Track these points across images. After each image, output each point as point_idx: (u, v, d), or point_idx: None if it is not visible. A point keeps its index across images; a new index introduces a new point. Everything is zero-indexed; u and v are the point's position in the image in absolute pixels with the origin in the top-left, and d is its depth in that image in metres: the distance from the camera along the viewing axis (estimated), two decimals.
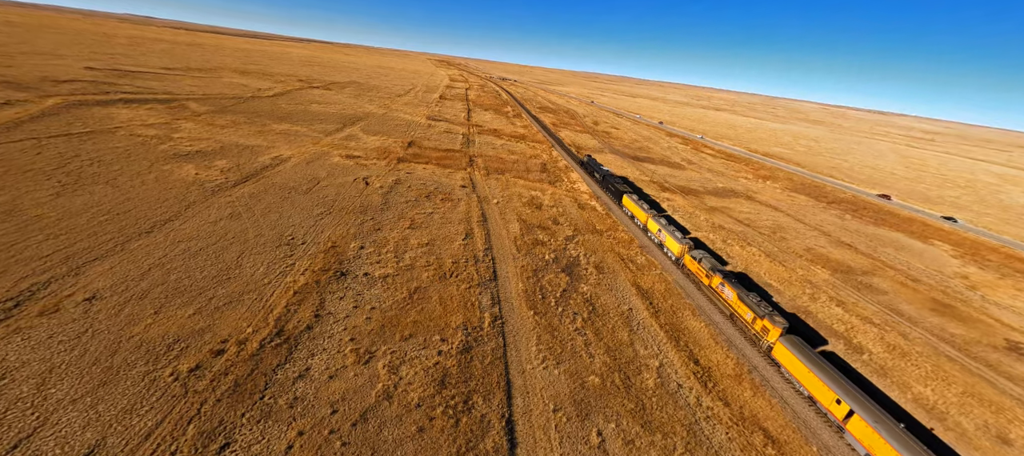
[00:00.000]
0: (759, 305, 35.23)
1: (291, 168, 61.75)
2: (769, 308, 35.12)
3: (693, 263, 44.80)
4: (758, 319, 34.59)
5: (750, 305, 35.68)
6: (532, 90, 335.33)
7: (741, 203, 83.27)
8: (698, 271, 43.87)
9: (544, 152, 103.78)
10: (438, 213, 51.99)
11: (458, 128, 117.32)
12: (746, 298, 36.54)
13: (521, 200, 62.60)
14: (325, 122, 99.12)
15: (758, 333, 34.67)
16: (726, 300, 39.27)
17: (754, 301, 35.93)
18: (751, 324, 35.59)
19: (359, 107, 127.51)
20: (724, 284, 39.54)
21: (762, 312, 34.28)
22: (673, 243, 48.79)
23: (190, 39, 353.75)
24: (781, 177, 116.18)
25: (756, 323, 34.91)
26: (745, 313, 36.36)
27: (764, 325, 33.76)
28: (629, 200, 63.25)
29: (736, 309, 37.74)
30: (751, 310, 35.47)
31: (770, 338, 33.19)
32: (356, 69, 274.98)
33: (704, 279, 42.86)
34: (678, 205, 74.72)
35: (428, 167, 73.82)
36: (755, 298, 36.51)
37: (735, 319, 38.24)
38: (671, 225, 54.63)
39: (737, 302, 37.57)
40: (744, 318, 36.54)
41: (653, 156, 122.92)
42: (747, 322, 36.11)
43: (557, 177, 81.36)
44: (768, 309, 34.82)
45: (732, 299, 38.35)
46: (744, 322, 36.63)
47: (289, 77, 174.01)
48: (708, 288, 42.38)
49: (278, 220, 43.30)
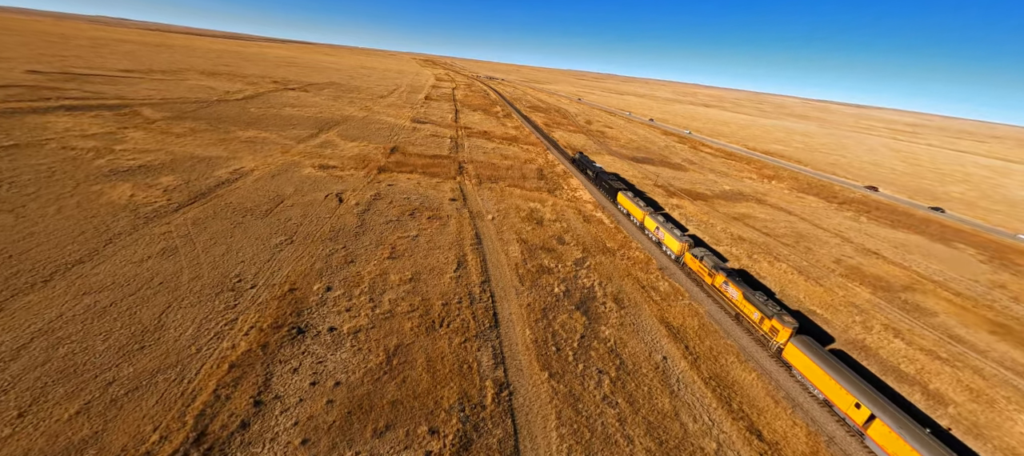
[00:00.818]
0: (766, 304, 33.58)
1: (252, 184, 53.18)
2: (777, 307, 33.42)
3: (694, 261, 42.92)
4: (766, 319, 32.78)
5: (757, 304, 33.81)
6: (521, 89, 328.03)
7: (753, 208, 77.45)
8: (700, 270, 41.96)
9: (539, 155, 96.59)
10: (424, 236, 44.26)
11: (445, 131, 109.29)
12: (752, 297, 34.54)
13: (519, 214, 55.24)
14: (298, 127, 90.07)
15: (766, 334, 32.83)
16: (730, 299, 37.42)
17: (760, 300, 34.10)
18: (759, 324, 33.71)
19: (338, 110, 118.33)
20: (728, 282, 37.58)
21: (770, 311, 32.57)
22: (672, 241, 46.87)
23: (160, 40, 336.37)
24: (786, 177, 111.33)
25: (764, 323, 33.06)
26: (751, 313, 34.44)
27: (773, 325, 32.02)
28: (624, 197, 60.88)
29: (742, 309, 35.75)
30: (758, 309, 33.58)
31: (780, 339, 31.42)
32: (337, 70, 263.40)
33: (706, 278, 40.95)
34: (689, 212, 68.36)
35: (413, 177, 65.84)
36: (761, 297, 34.71)
37: (741, 319, 36.17)
38: (669, 222, 52.41)
39: (743, 302, 35.53)
40: (751, 318, 34.60)
41: (652, 157, 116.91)
42: (754, 322, 34.21)
43: (556, 184, 74.22)
44: (776, 308, 33.10)
45: (737, 298, 36.33)
46: (751, 322, 34.68)
47: (262, 79, 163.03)
48: (711, 287, 40.34)
49: (225, 255, 35.03)
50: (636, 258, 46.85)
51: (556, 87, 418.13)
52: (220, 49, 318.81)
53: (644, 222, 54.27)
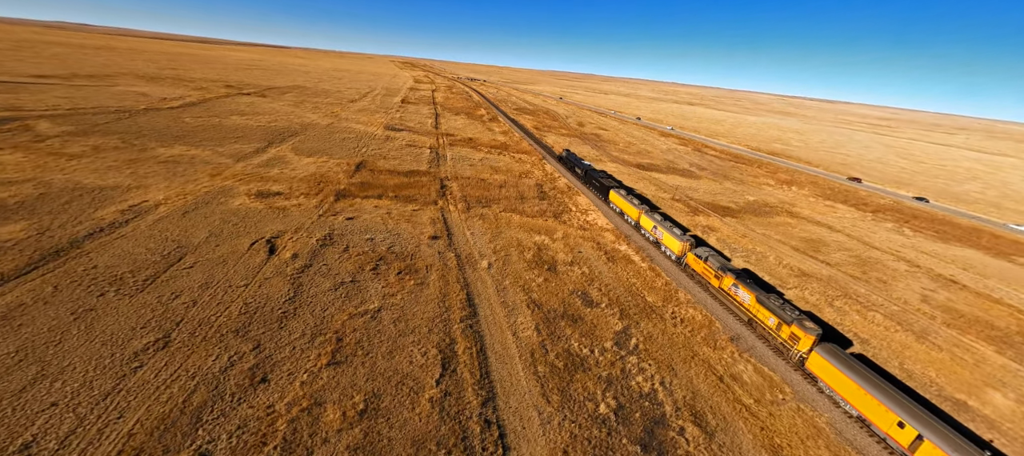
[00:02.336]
0: (783, 308, 30.99)
1: (148, 229, 37.56)
2: (796, 311, 30.81)
3: (698, 263, 40.16)
4: (784, 325, 30.03)
5: (773, 309, 31.25)
6: (504, 90, 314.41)
7: (789, 224, 66.01)
8: (705, 272, 39.15)
9: (535, 166, 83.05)
10: (391, 309, 29.86)
11: (424, 140, 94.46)
12: (767, 301, 31.97)
13: (523, 256, 41.41)
14: (243, 140, 73.79)
15: (785, 342, 30.03)
16: (741, 303, 34.51)
17: (776, 303, 31.55)
18: (775, 331, 30.96)
19: (297, 117, 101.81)
20: (738, 285, 34.86)
21: (789, 317, 29.94)
22: (672, 241, 44.29)
23: (104, 43, 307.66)
24: (804, 182, 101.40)
25: (782, 330, 30.23)
26: (767, 319, 31.72)
27: (793, 333, 29.27)
28: (617, 196, 58.70)
29: (755, 314, 32.89)
30: (774, 314, 30.96)
31: (801, 348, 28.63)
32: (304, 73, 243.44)
33: (713, 280, 38.12)
34: (726, 236, 56.05)
35: (382, 204, 51.14)
36: (776, 300, 32.10)
37: (754, 325, 33.17)
38: (667, 221, 49.85)
39: (756, 306, 32.81)
40: (766, 324, 31.82)
41: (657, 162, 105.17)
42: (770, 329, 31.44)
43: (561, 205, 60.71)
44: (795, 312, 30.50)
45: (749, 303, 33.55)
46: (766, 329, 31.85)
47: (214, 83, 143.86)
48: (718, 290, 37.53)
49: (24, 394, 19.83)
50: (693, 320, 33.65)
51: (539, 87, 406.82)
52: (175, 52, 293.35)
53: (640, 221, 51.65)
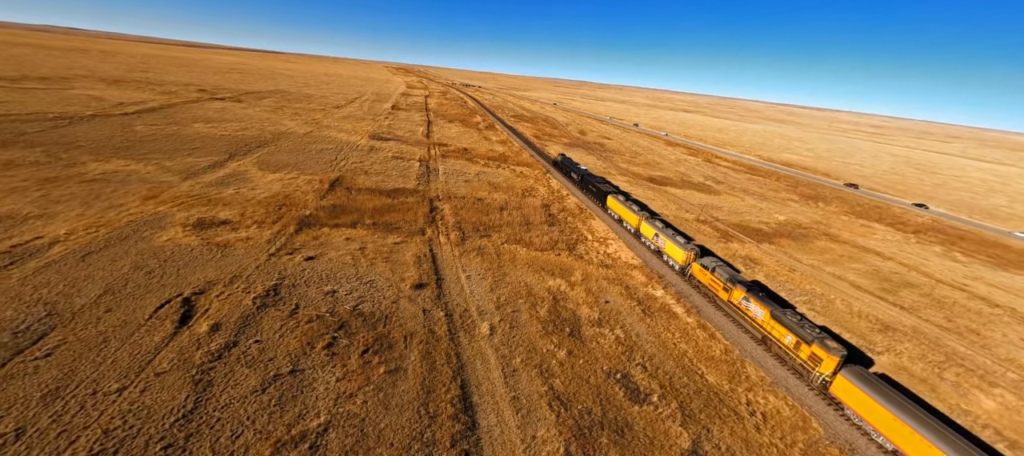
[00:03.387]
0: (801, 325, 27.79)
1: (21, 280, 27.07)
2: (816, 329, 27.42)
3: (704, 274, 37.54)
4: (804, 344, 26.65)
5: (790, 326, 27.91)
6: (500, 96, 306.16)
7: (834, 251, 57.21)
8: (713, 284, 36.40)
9: (538, 181, 73.59)
10: (343, 427, 19.66)
11: (414, 151, 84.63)
12: (783, 317, 28.66)
13: (537, 313, 31.57)
14: (200, 152, 63.35)
15: (805, 363, 26.51)
16: (753, 319, 31.00)
17: (793, 319, 28.37)
18: (794, 350, 27.31)
19: (272, 125, 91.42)
20: (749, 299, 31.59)
21: (809, 335, 26.68)
22: (676, 250, 41.91)
23: (79, 45, 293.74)
24: (830, 197, 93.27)
25: (801, 349, 26.79)
26: (783, 336, 28.22)
27: (814, 353, 25.87)
28: (615, 201, 57.02)
29: (770, 331, 29.30)
30: (792, 332, 27.50)
31: (824, 370, 25.23)
32: (290, 76, 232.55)
33: (721, 293, 35.02)
34: (770, 269, 46.88)
35: (355, 235, 41.10)
36: (793, 315, 29.03)
37: (768, 343, 29.63)
38: (669, 228, 47.30)
39: (771, 322, 29.27)
40: (782, 342, 28.17)
41: (669, 175, 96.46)
42: (787, 348, 27.80)
43: (574, 233, 51.12)
44: (815, 331, 27.14)
45: (763, 318, 30.10)
46: (783, 347, 28.20)
47: (187, 87, 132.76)
48: (727, 304, 34.30)
49: None
50: (779, 417, 24.05)
51: (535, 94, 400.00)
52: (154, 54, 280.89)
53: (640, 228, 49.78)
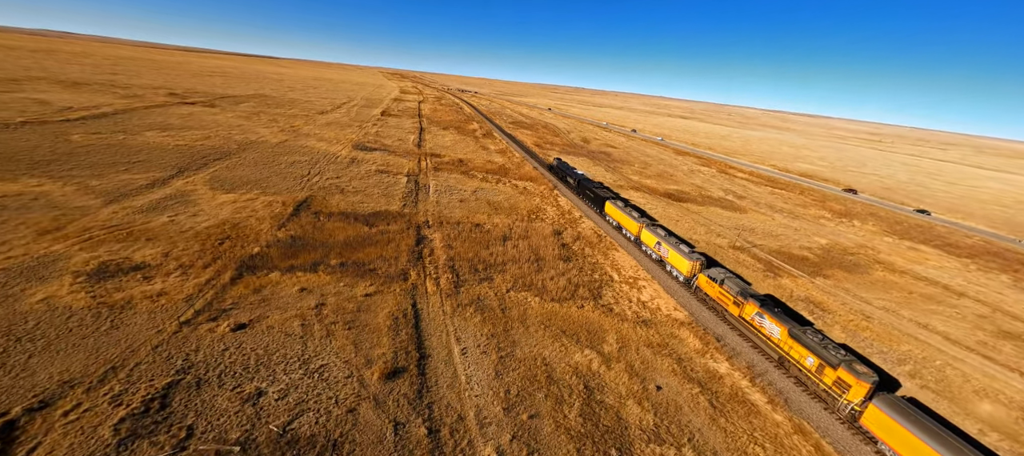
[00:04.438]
0: (823, 345, 24.54)
1: None
2: (842, 352, 24.13)
3: (712, 286, 33.27)
4: (828, 367, 23.42)
5: (812, 346, 24.63)
6: (497, 102, 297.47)
7: (896, 285, 47.79)
8: (722, 298, 32.21)
9: (545, 199, 63.73)
10: None
11: (402, 163, 74.56)
12: (803, 337, 25.33)
13: (564, 417, 21.17)
14: (143, 166, 52.83)
15: (830, 389, 23.26)
16: (768, 337, 27.38)
17: (815, 339, 25.08)
18: (816, 374, 24.05)
19: (242, 133, 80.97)
20: (763, 315, 28.02)
21: (835, 358, 23.49)
22: (680, 260, 38.10)
23: (52, 47, 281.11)
24: (861, 213, 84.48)
25: (825, 373, 23.58)
26: (803, 358, 24.92)
27: (840, 378, 22.65)
28: (613, 207, 54.10)
29: (787, 351, 25.89)
30: (814, 353, 24.27)
31: (852, 398, 22.02)
32: (277, 80, 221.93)
33: (731, 307, 31.10)
34: (840, 316, 37.19)
35: (314, 282, 30.68)
36: (814, 334, 25.67)
37: (785, 364, 26.26)
38: (672, 236, 43.43)
39: (788, 341, 25.87)
40: (801, 365, 24.89)
41: (686, 189, 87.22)
42: (808, 372, 24.55)
43: (597, 271, 41.05)
44: (841, 353, 23.85)
45: (779, 337, 26.53)
46: (802, 370, 24.90)
47: (156, 90, 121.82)
48: (738, 320, 30.36)
49: None
50: None
51: (532, 100, 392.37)
52: (135, 57, 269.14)
53: (640, 236, 46.87)
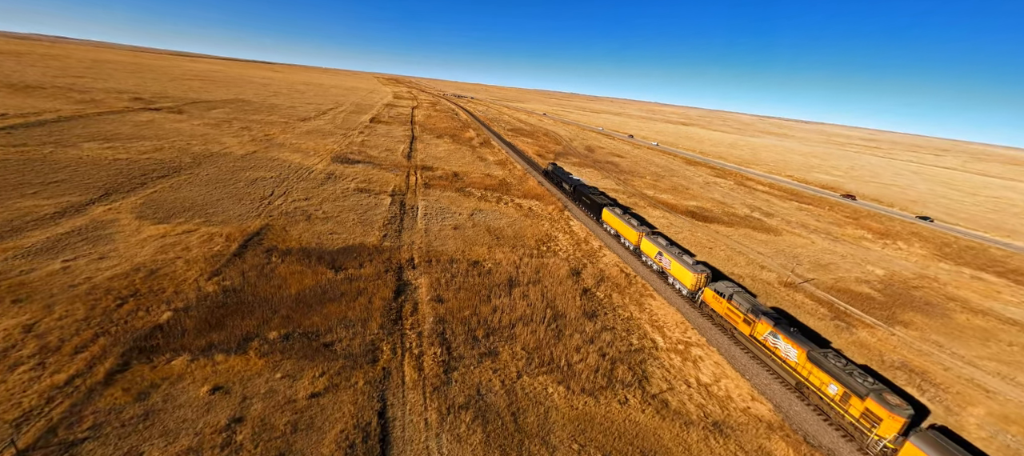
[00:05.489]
0: (847, 371, 21.41)
1: None
2: (869, 379, 20.86)
3: (719, 302, 30.28)
4: (854, 397, 20.32)
5: (835, 373, 21.51)
6: (495, 108, 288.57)
7: (984, 329, 38.38)
8: (730, 315, 29.33)
9: (555, 224, 53.87)
10: None
11: (388, 179, 64.51)
12: (825, 361, 22.24)
13: None
14: (57, 188, 42.34)
15: (857, 421, 20.29)
16: (784, 360, 24.18)
17: (838, 365, 22.03)
18: (841, 404, 20.91)
19: (203, 144, 70.56)
20: (778, 335, 24.98)
21: (863, 387, 20.21)
22: (683, 272, 34.51)
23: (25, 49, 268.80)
24: (903, 232, 75.61)
25: (851, 404, 20.49)
26: (825, 385, 21.81)
27: (870, 410, 19.52)
28: (611, 215, 50.07)
29: (806, 377, 22.77)
30: (840, 382, 21.10)
31: (884, 433, 19.03)
32: (264, 85, 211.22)
33: (741, 326, 28.09)
34: (943, 382, 27.66)
35: (235, 372, 20.33)
36: (837, 359, 22.71)
37: (804, 390, 23.22)
38: (673, 246, 39.80)
39: (808, 366, 22.75)
40: (823, 393, 21.86)
41: (706, 205, 77.94)
42: (830, 400, 21.52)
43: (635, 332, 30.94)
44: (870, 381, 20.59)
45: (797, 360, 23.46)
46: (824, 398, 21.86)
47: (120, 95, 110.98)
48: (748, 339, 27.27)
49: None
50: None
51: (530, 105, 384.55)
52: (111, 60, 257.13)
53: (640, 245, 42.60)
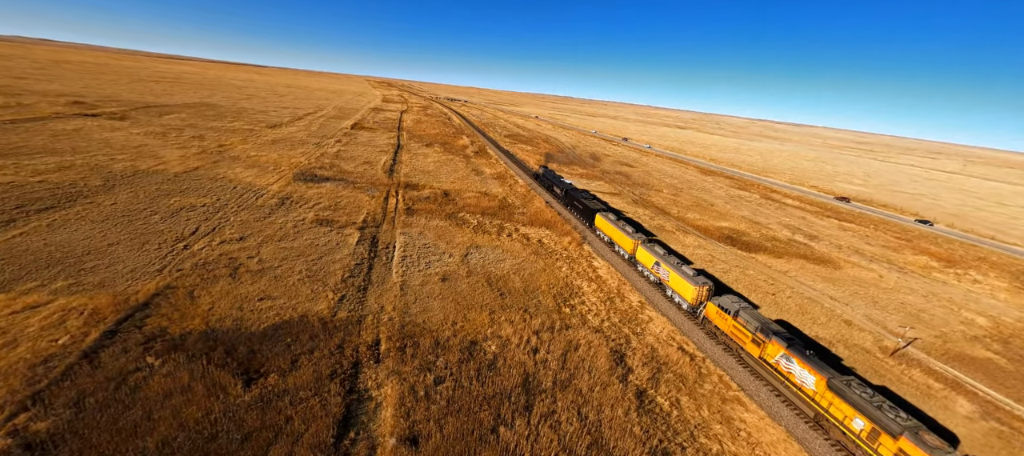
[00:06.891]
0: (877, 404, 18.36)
1: None
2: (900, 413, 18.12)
3: (724, 319, 26.94)
4: (886, 435, 17.53)
5: (861, 406, 18.52)
6: (489, 112, 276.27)
7: None
8: (736, 333, 25.75)
9: (574, 267, 41.25)
10: None
11: (360, 202, 51.57)
12: (848, 392, 19.27)
13: None
14: None
15: None
16: (800, 388, 21.43)
17: (864, 396, 18.91)
18: (868, 442, 18.13)
19: (133, 158, 56.87)
20: (792, 359, 22.15)
21: (896, 425, 17.47)
22: (683, 285, 31.43)
23: None
24: (966, 258, 64.77)
25: (882, 443, 17.69)
26: (848, 418, 18.93)
27: (903, 451, 16.96)
28: (604, 221, 46.86)
29: (827, 409, 19.90)
30: (865, 415, 18.20)
31: None
32: (239, 88, 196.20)
33: (749, 346, 24.83)
34: None
35: None
36: (862, 388, 19.38)
37: (821, 422, 20.45)
38: (672, 256, 36.35)
39: (828, 395, 19.98)
40: (846, 428, 18.96)
41: (740, 227, 66.20)
42: (854, 436, 18.70)
43: None
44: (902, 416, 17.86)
45: (816, 389, 20.52)
46: (847, 433, 18.98)
47: (58, 98, 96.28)
48: (757, 361, 24.30)
49: None
50: None
51: (526, 109, 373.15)
52: (72, 60, 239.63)
53: (636, 254, 39.16)
